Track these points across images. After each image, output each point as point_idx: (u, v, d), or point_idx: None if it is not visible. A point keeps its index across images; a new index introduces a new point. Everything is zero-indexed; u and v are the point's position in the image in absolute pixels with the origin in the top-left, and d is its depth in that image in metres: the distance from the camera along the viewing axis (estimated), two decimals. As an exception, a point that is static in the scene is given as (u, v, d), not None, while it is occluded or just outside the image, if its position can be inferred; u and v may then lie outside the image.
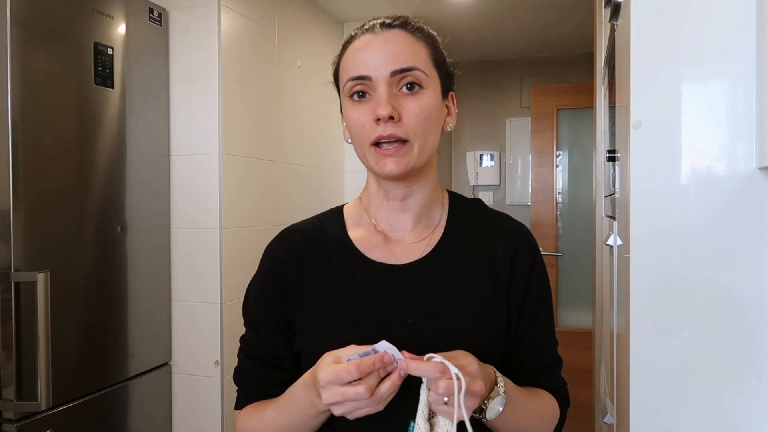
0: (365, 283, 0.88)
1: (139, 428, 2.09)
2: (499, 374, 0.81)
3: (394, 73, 0.82)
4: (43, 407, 1.62)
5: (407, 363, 0.71)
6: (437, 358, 0.70)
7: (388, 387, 0.71)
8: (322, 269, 0.90)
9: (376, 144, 0.83)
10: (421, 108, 0.82)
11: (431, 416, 0.74)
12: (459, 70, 0.94)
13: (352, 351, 0.73)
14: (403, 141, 0.82)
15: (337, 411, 0.73)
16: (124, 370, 2.03)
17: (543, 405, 0.91)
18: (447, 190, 0.98)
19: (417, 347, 0.81)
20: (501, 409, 0.78)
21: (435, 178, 0.93)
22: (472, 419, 0.72)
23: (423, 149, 0.84)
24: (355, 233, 0.92)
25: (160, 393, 2.23)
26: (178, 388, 2.28)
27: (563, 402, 0.95)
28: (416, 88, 0.83)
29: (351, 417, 0.73)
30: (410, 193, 0.90)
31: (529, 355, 0.92)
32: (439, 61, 0.88)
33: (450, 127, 0.91)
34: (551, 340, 0.95)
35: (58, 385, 1.69)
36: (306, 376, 0.80)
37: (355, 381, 0.70)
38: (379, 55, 0.83)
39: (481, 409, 0.78)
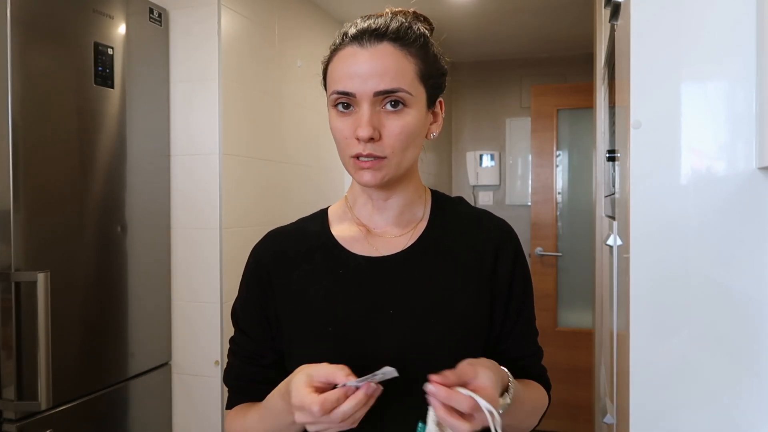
0: (347, 276, 0.90)
1: (139, 428, 2.09)
2: (512, 380, 0.82)
3: (377, 94, 0.82)
4: (43, 407, 1.62)
5: (437, 388, 0.69)
6: (465, 391, 0.69)
7: (351, 407, 0.70)
8: (305, 265, 0.92)
9: (356, 156, 0.84)
10: (403, 127, 0.83)
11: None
12: (459, 71, 0.94)
13: (325, 370, 0.73)
14: (381, 157, 0.83)
15: (310, 429, 0.74)
16: (124, 370, 2.02)
17: (538, 397, 0.94)
18: (430, 189, 0.99)
19: (399, 338, 0.85)
20: (501, 412, 0.79)
21: (417, 178, 0.95)
22: None
23: (401, 163, 0.85)
24: (338, 230, 0.94)
25: (160, 393, 2.23)
26: (178, 388, 2.28)
27: (547, 387, 0.99)
28: (400, 106, 0.83)
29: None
30: (391, 195, 0.92)
31: (518, 346, 0.94)
32: (427, 75, 0.86)
33: (434, 135, 0.91)
34: (534, 331, 0.98)
35: (58, 385, 1.69)
36: (282, 386, 0.81)
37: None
38: (365, 73, 0.82)
39: None
